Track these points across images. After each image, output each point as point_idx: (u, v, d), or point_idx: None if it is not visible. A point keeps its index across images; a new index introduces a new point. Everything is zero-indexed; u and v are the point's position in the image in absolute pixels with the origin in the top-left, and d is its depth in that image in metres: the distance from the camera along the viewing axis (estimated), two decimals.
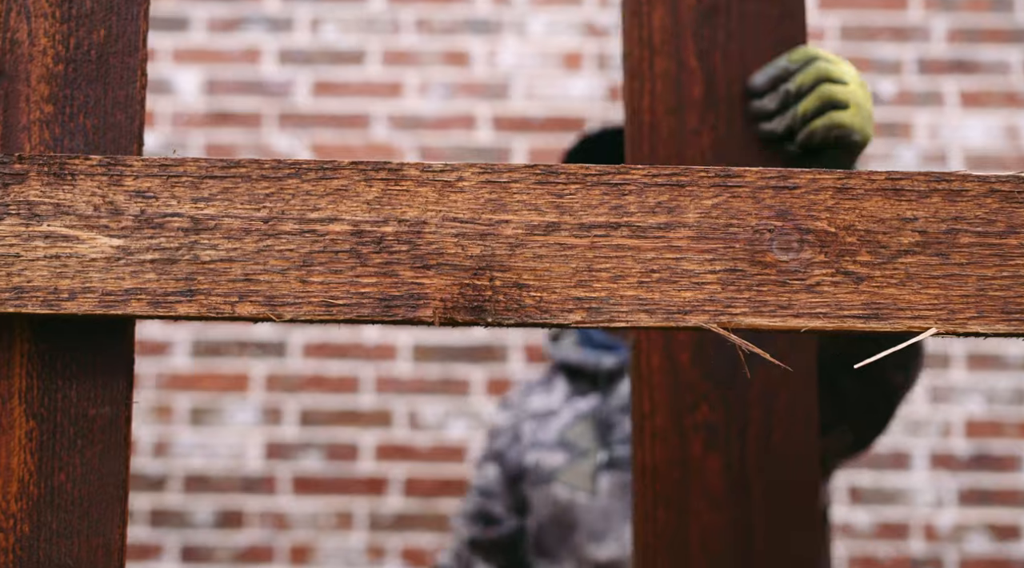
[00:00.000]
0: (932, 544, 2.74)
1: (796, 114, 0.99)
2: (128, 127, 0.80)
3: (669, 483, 0.99)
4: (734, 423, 1.00)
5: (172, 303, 0.74)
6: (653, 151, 1.00)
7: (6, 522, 0.77)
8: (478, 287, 0.73)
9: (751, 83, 1.01)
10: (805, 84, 0.99)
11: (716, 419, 1.00)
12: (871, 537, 2.74)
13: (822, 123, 0.99)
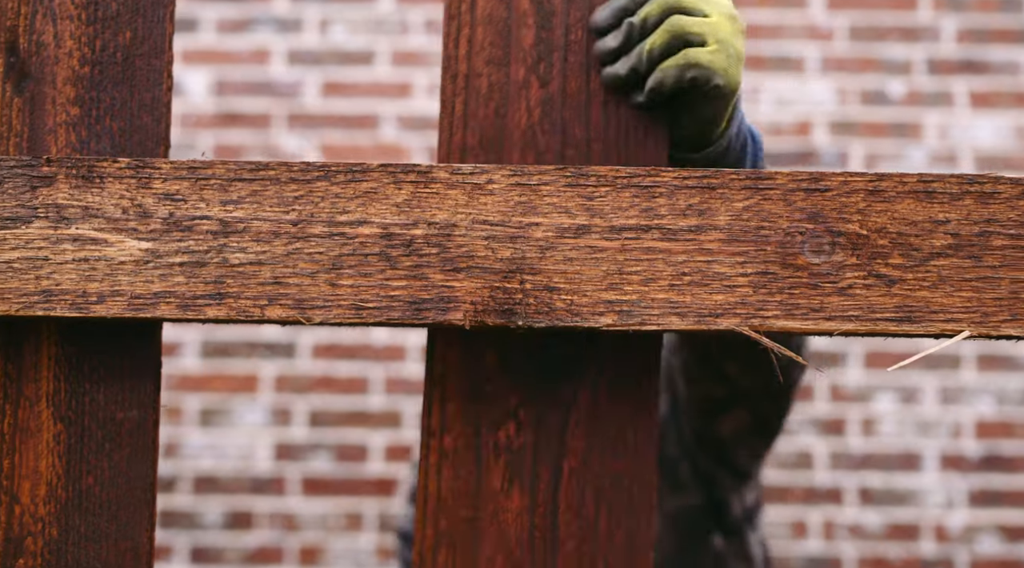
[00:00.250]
0: (943, 545, 2.73)
1: (642, 53, 0.79)
2: (154, 129, 0.80)
3: (456, 521, 0.77)
4: (548, 450, 0.78)
5: (201, 306, 0.73)
6: (468, 110, 0.80)
7: (34, 525, 0.77)
8: (508, 290, 0.73)
9: (593, 20, 0.81)
10: (652, 16, 0.80)
11: (525, 443, 0.78)
12: (882, 538, 2.73)
13: (674, 63, 0.79)
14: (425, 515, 0.77)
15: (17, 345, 0.78)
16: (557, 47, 0.81)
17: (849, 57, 2.85)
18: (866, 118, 2.84)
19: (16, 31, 0.80)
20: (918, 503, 2.74)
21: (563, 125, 0.80)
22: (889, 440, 2.77)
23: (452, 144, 0.79)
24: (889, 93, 2.85)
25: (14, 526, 0.77)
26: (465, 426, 0.78)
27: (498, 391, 0.78)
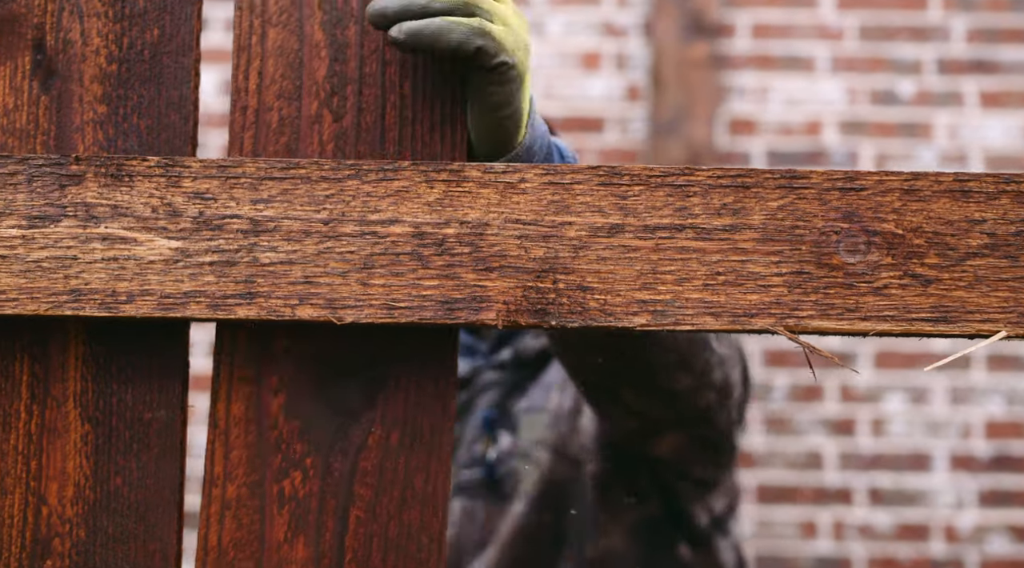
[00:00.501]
0: (953, 545, 2.73)
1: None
2: (182, 128, 0.79)
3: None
4: (333, 499, 0.75)
5: (232, 306, 0.73)
6: (257, 144, 0.77)
7: (62, 527, 0.76)
8: (541, 290, 0.73)
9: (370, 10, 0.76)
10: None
11: (310, 492, 0.75)
12: (892, 538, 2.73)
13: (466, 24, 0.75)
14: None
15: (44, 345, 0.77)
16: (351, 80, 0.78)
17: (859, 57, 2.85)
18: (876, 118, 2.84)
19: (43, 28, 0.80)
20: (928, 503, 2.74)
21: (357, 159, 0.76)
22: (899, 440, 2.76)
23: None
24: (899, 93, 2.85)
25: (41, 527, 0.76)
26: (249, 475, 0.75)
27: (284, 438, 0.76)
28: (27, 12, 0.80)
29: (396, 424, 0.76)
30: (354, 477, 0.75)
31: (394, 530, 0.75)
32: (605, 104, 2.85)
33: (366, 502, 0.75)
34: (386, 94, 0.78)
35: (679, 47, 2.79)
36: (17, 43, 0.80)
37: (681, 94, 2.78)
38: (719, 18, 2.84)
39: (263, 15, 0.79)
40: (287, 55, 0.78)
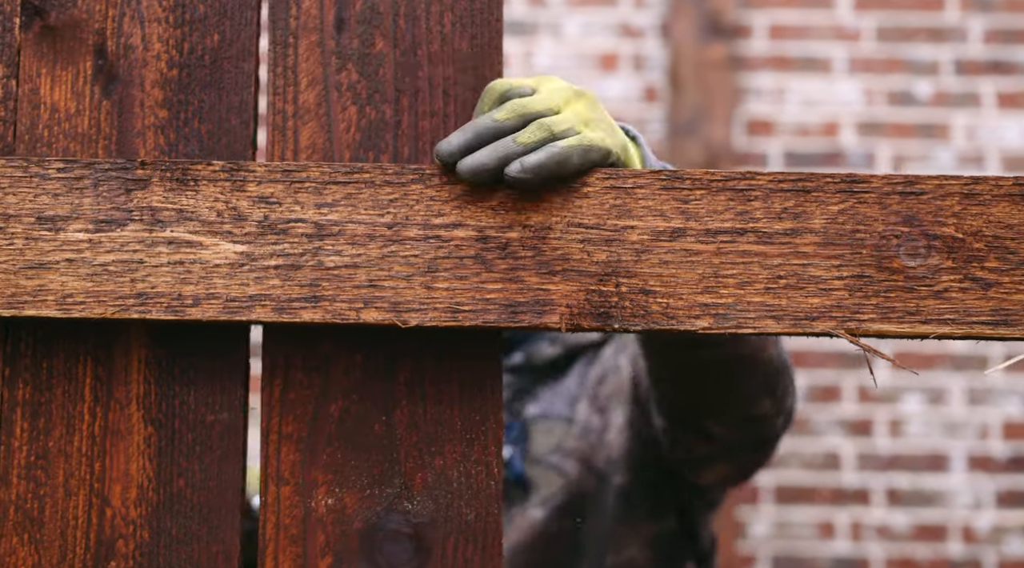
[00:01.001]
0: (970, 546, 2.73)
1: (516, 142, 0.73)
2: (243, 132, 0.80)
3: None
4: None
5: (297, 309, 0.73)
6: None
7: (126, 528, 0.77)
8: (604, 293, 0.73)
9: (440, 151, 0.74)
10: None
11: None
12: (909, 539, 2.73)
13: (576, 143, 0.73)
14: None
15: (107, 347, 0.78)
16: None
17: (876, 58, 2.85)
18: (893, 119, 2.84)
19: (104, 34, 0.80)
20: (946, 504, 2.74)
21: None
22: (916, 441, 2.76)
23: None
24: (916, 94, 2.85)
25: (105, 529, 0.77)
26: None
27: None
28: (88, 18, 0.80)
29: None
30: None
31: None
32: (623, 105, 2.85)
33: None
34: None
35: (696, 48, 2.79)
36: (78, 48, 0.80)
37: (699, 95, 2.78)
38: (736, 19, 2.84)
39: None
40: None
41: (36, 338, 0.78)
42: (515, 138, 0.73)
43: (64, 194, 0.74)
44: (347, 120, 0.80)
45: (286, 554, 0.77)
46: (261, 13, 0.81)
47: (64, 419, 0.78)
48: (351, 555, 0.76)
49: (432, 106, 0.80)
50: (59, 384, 0.78)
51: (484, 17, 0.80)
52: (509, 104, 0.74)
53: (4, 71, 0.80)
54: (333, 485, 0.77)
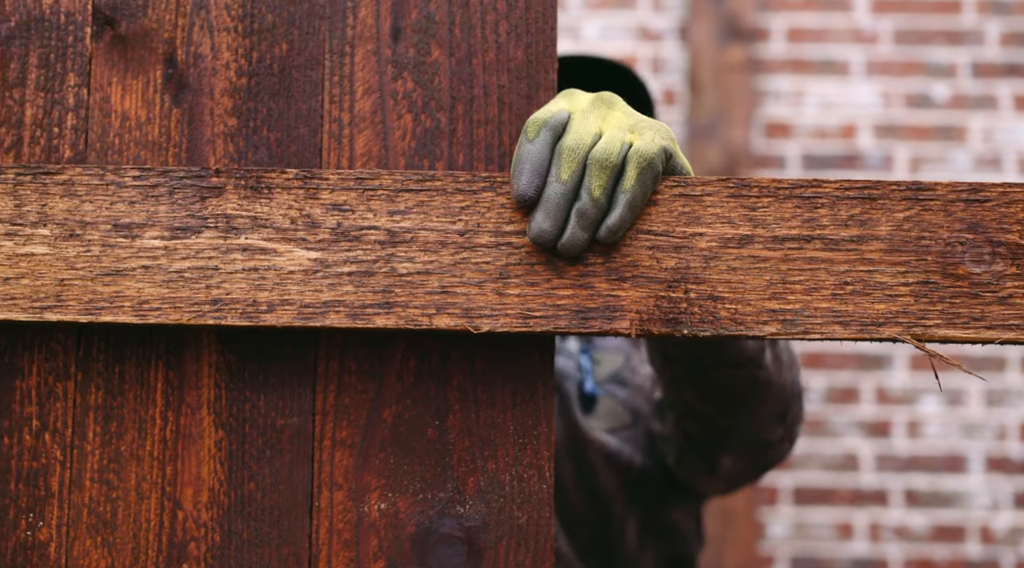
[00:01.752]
0: (988, 547, 2.74)
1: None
2: (311, 140, 0.81)
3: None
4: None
5: (370, 315, 0.74)
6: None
7: (197, 531, 0.78)
8: (673, 299, 0.74)
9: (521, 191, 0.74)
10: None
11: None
12: (927, 540, 2.74)
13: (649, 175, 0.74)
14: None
15: (178, 353, 0.79)
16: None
17: (893, 60, 2.86)
18: (910, 121, 2.85)
19: (174, 43, 0.81)
20: (963, 505, 2.75)
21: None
22: (934, 442, 2.77)
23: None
24: (933, 96, 2.86)
25: (177, 531, 0.78)
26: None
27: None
28: (158, 27, 0.81)
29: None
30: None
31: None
32: None
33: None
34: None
35: (715, 51, 2.80)
36: (148, 57, 0.81)
37: (717, 98, 2.79)
38: (754, 22, 2.85)
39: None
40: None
41: (108, 343, 0.79)
42: (590, 196, 0.72)
43: (140, 202, 0.75)
44: (402, 128, 0.81)
45: (339, 558, 0.78)
46: (328, 24, 0.82)
47: (136, 423, 0.79)
48: (404, 559, 0.77)
49: (487, 114, 0.81)
50: (131, 389, 0.79)
51: (539, 26, 0.81)
52: (564, 156, 0.73)
53: (76, 80, 0.81)
54: (386, 490, 0.78)
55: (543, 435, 0.78)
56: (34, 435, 0.79)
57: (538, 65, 0.81)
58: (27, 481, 0.78)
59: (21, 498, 0.78)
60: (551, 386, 0.79)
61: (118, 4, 0.82)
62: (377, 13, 0.81)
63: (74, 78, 0.81)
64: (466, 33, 0.81)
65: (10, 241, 0.75)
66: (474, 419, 0.78)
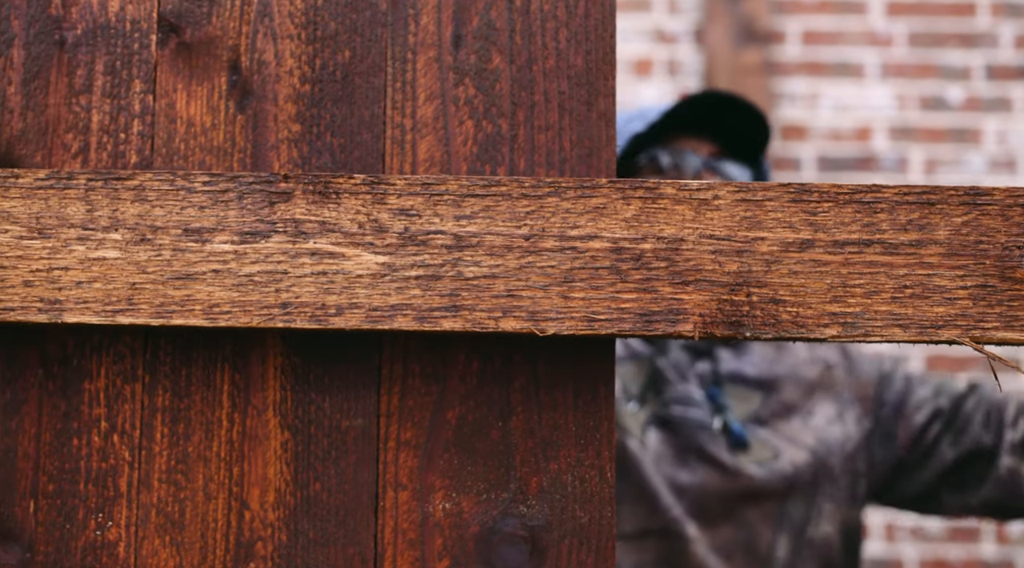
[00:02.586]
0: (1003, 547, 2.75)
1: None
2: (374, 146, 0.82)
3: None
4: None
5: (437, 318, 0.76)
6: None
7: (264, 531, 0.79)
8: (736, 302, 0.75)
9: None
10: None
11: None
12: (943, 540, 2.75)
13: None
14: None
15: (244, 355, 0.80)
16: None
17: (908, 63, 2.87)
18: (925, 124, 2.87)
19: (238, 50, 0.82)
20: None
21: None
22: None
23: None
24: (948, 99, 2.87)
25: (244, 531, 0.79)
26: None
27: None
28: (222, 35, 0.83)
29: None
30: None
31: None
32: None
33: None
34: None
35: (731, 54, 2.82)
36: (213, 64, 0.82)
37: None
38: (770, 25, 2.87)
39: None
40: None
41: (175, 346, 0.80)
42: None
43: (210, 207, 0.77)
44: (464, 134, 0.82)
45: (404, 558, 0.79)
46: (390, 33, 0.83)
47: (203, 425, 0.80)
48: (467, 558, 0.79)
49: (547, 120, 0.82)
50: (198, 391, 0.80)
51: (598, 33, 0.83)
52: None
53: (141, 86, 0.82)
54: (450, 490, 0.80)
55: (604, 436, 0.79)
56: (103, 436, 0.80)
57: (597, 71, 0.82)
58: (96, 482, 0.80)
59: (90, 498, 0.80)
60: (611, 387, 0.80)
61: (183, 12, 0.83)
62: (439, 20, 0.83)
63: (140, 85, 0.82)
64: (526, 40, 0.82)
65: (82, 245, 0.76)
66: (536, 421, 0.80)
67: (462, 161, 0.81)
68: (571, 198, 0.76)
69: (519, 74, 0.82)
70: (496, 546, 0.79)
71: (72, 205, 0.77)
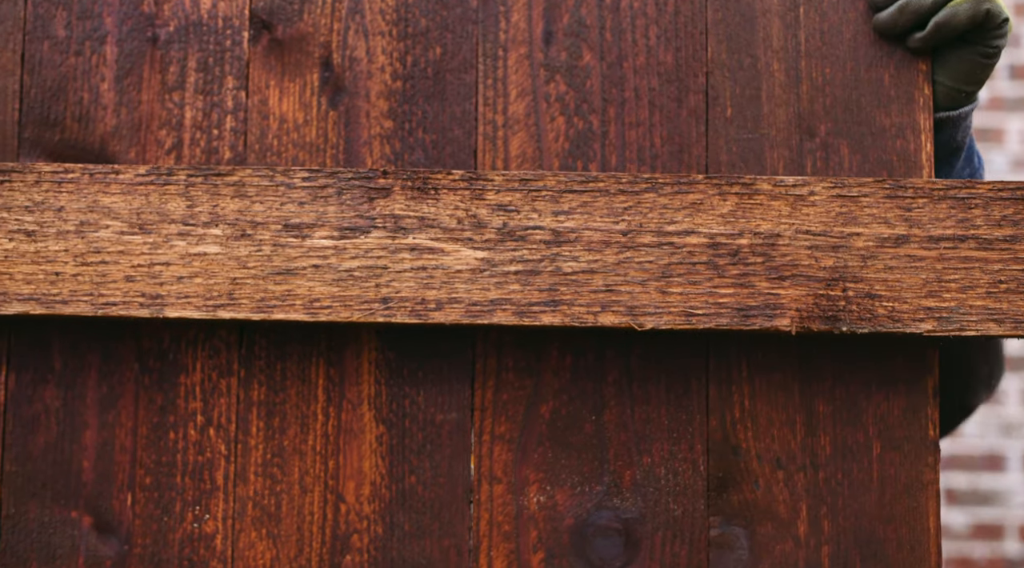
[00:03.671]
0: None
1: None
2: (466, 142, 0.82)
3: None
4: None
5: (536, 313, 0.76)
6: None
7: (360, 523, 0.80)
8: (832, 297, 0.76)
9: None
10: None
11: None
12: (967, 538, 2.76)
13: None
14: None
15: (339, 350, 0.81)
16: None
17: None
18: None
19: (329, 47, 0.83)
20: (1003, 503, 2.77)
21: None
22: (973, 441, 2.80)
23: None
24: None
25: (340, 524, 0.80)
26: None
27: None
28: (314, 31, 0.83)
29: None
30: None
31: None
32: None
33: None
34: None
35: None
36: (305, 61, 0.83)
37: None
38: None
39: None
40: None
41: (270, 340, 0.81)
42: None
43: (309, 202, 0.77)
44: (556, 130, 0.82)
45: (499, 550, 0.79)
46: (481, 29, 0.84)
47: (298, 419, 0.81)
48: (562, 550, 0.79)
49: (638, 116, 0.83)
50: (293, 385, 0.81)
51: (688, 30, 0.83)
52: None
53: (234, 83, 0.83)
54: (544, 483, 0.80)
55: (697, 430, 0.80)
56: (199, 430, 0.81)
57: (687, 69, 0.83)
58: (193, 475, 0.80)
59: (187, 491, 0.80)
60: (703, 381, 0.81)
61: (274, 8, 0.84)
62: (529, 18, 0.83)
63: (232, 81, 0.83)
64: (616, 37, 0.83)
65: (183, 241, 0.77)
66: (630, 414, 0.80)
67: (553, 157, 0.82)
68: (668, 194, 0.77)
69: (609, 71, 0.83)
70: (590, 539, 0.79)
71: (172, 201, 0.77)
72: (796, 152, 0.82)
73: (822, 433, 0.80)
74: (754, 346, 0.81)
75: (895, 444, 0.80)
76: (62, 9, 0.84)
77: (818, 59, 0.83)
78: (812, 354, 0.81)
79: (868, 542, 0.79)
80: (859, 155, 0.82)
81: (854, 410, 0.80)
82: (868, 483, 0.79)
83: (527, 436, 0.80)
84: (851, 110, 0.82)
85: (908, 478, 0.80)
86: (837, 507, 0.79)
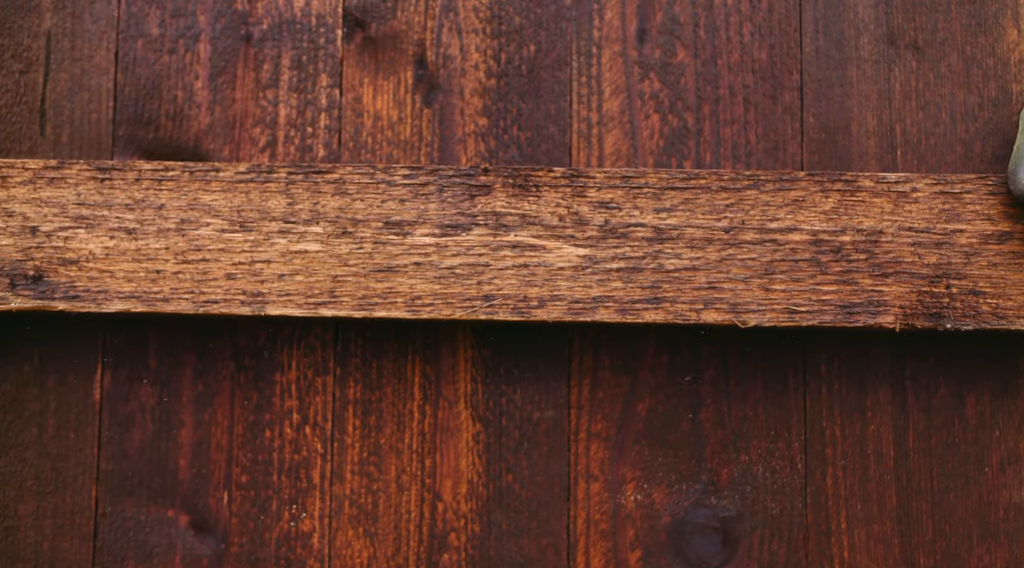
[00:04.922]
0: None
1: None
2: (560, 139, 0.82)
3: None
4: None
5: (639, 310, 0.76)
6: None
7: (457, 521, 0.80)
8: (935, 294, 0.76)
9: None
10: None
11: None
12: None
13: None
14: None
15: (435, 348, 0.81)
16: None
17: None
18: None
19: (423, 45, 0.83)
20: None
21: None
22: None
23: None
24: None
25: (437, 522, 0.80)
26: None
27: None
28: (407, 29, 0.83)
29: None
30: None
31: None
32: None
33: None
34: None
35: None
36: (399, 59, 0.83)
37: None
38: None
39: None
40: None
41: (365, 338, 0.81)
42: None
43: (410, 200, 0.77)
44: (650, 127, 0.82)
45: (597, 548, 0.79)
46: (575, 26, 0.84)
47: (395, 417, 0.80)
48: (660, 548, 0.79)
49: (732, 114, 0.82)
50: (388, 383, 0.81)
51: (782, 27, 0.83)
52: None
53: (328, 81, 0.83)
54: (641, 481, 0.80)
55: (794, 428, 0.80)
56: (295, 428, 0.80)
57: (782, 66, 0.83)
58: (289, 473, 0.80)
59: (284, 490, 0.80)
60: (800, 379, 0.80)
61: (368, 6, 0.83)
62: (623, 15, 0.83)
63: (326, 79, 0.83)
64: (710, 34, 0.83)
65: (283, 239, 0.77)
66: (727, 412, 0.80)
67: (648, 154, 0.82)
68: (770, 191, 0.77)
69: (703, 68, 0.83)
70: (688, 537, 0.79)
71: (273, 198, 0.77)
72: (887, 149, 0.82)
73: (912, 430, 0.80)
74: (850, 343, 0.80)
75: (984, 445, 0.79)
76: (156, 7, 0.84)
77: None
78: (905, 351, 0.80)
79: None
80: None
81: (946, 409, 0.79)
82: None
83: (624, 434, 0.80)
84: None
85: (990, 486, 0.79)
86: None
